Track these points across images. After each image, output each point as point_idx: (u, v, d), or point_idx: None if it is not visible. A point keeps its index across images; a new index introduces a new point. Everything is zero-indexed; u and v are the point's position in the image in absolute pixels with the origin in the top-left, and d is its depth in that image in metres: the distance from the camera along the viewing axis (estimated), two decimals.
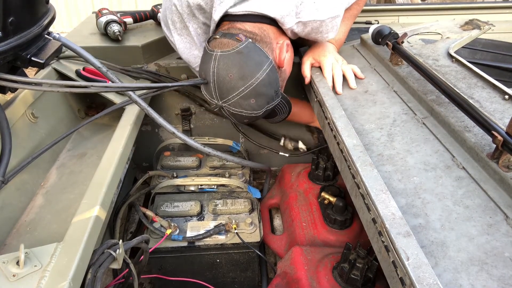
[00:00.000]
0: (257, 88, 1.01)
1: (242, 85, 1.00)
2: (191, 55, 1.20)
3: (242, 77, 1.00)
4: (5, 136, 0.85)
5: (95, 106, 1.41)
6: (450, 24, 1.45)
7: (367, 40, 1.40)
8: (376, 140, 0.90)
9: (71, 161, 1.16)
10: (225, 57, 1.00)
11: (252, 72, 1.00)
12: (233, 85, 1.00)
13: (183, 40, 1.17)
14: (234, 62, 1.00)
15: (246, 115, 1.05)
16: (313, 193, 1.26)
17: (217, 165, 1.45)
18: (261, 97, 1.03)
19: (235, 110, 1.04)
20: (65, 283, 0.63)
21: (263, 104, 1.05)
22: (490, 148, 0.78)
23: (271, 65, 1.03)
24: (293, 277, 0.98)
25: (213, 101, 1.05)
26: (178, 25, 1.14)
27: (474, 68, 1.09)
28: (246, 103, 1.02)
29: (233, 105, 1.03)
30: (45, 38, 0.92)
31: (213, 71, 1.01)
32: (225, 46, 1.01)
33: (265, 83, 1.02)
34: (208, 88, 1.04)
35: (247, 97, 1.01)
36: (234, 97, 1.01)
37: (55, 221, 0.93)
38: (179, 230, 1.18)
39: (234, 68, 1.00)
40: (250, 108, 1.03)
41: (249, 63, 1.00)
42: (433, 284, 0.53)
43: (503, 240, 0.63)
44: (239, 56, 1.00)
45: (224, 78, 1.00)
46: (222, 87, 1.01)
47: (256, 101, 1.03)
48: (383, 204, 0.67)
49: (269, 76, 1.02)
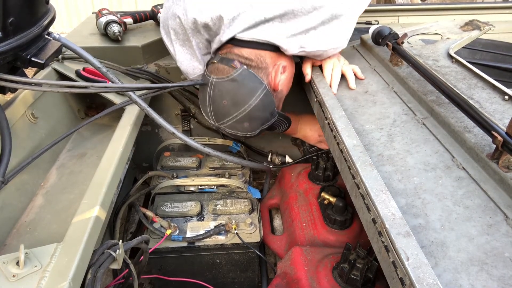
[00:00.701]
0: (251, 113, 1.07)
1: (236, 111, 1.06)
2: (190, 66, 1.21)
3: (235, 104, 1.06)
4: (5, 136, 0.85)
5: (95, 107, 1.41)
6: (450, 24, 1.46)
7: (367, 41, 1.40)
8: (376, 141, 0.90)
9: (71, 161, 1.16)
10: (219, 84, 1.05)
11: (245, 99, 1.05)
12: (227, 111, 1.07)
13: (184, 51, 1.18)
14: (228, 89, 1.05)
15: (241, 135, 1.14)
16: (313, 193, 1.26)
17: (217, 165, 1.45)
18: (255, 121, 1.09)
19: (231, 131, 1.12)
20: (65, 283, 0.63)
21: (257, 126, 1.11)
22: (490, 149, 0.78)
23: (265, 90, 1.07)
24: (293, 277, 0.98)
25: (210, 121, 1.13)
26: (181, 37, 1.15)
27: (474, 69, 1.09)
28: (240, 126, 1.09)
29: (228, 127, 1.10)
30: (45, 38, 0.92)
31: (209, 96, 1.08)
32: (220, 72, 1.06)
33: (259, 108, 1.07)
34: (205, 110, 1.12)
35: (241, 121, 1.08)
36: (229, 121, 1.08)
37: (55, 221, 0.93)
38: (179, 230, 1.18)
39: (227, 95, 1.05)
40: (244, 130, 1.11)
41: (242, 90, 1.05)
42: (433, 284, 0.53)
43: (503, 240, 0.63)
44: (233, 83, 1.05)
45: (218, 104, 1.07)
46: (217, 111, 1.09)
47: (250, 124, 1.09)
48: (383, 204, 0.67)
49: (263, 101, 1.07)
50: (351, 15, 1.12)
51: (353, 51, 1.42)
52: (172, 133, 1.12)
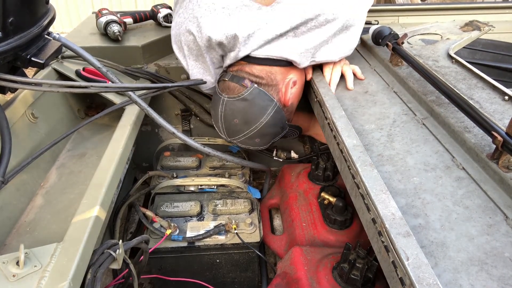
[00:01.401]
0: (261, 130, 1.10)
1: (247, 129, 1.09)
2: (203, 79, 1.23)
3: (246, 122, 1.09)
4: (5, 136, 0.85)
5: (95, 106, 1.41)
6: (450, 25, 1.46)
7: (367, 41, 1.40)
8: (376, 141, 0.90)
9: (71, 161, 1.16)
10: (231, 103, 1.08)
11: (256, 118, 1.08)
12: (239, 129, 1.10)
13: (198, 66, 1.19)
14: (239, 108, 1.08)
15: (254, 149, 1.19)
16: (313, 193, 1.26)
17: (217, 165, 1.45)
18: (266, 136, 1.13)
19: (243, 146, 1.18)
20: (65, 283, 0.63)
21: (268, 140, 1.16)
22: (490, 149, 0.78)
23: (276, 107, 1.10)
24: (293, 277, 0.98)
25: (223, 136, 1.17)
26: (194, 52, 1.15)
27: (474, 69, 1.09)
28: (251, 141, 1.13)
29: (241, 142, 1.15)
30: (45, 38, 0.92)
31: (220, 114, 1.11)
32: (231, 91, 1.09)
33: (270, 125, 1.10)
34: (217, 126, 1.16)
35: (252, 138, 1.11)
36: (240, 138, 1.13)
37: (55, 221, 0.93)
38: (179, 230, 1.18)
39: (239, 114, 1.08)
40: (256, 145, 1.15)
41: (253, 109, 1.08)
42: (433, 284, 0.53)
43: (503, 240, 0.63)
44: (244, 103, 1.07)
45: (230, 122, 1.11)
46: (229, 129, 1.12)
47: (261, 140, 1.13)
48: (383, 204, 0.67)
49: (273, 118, 1.10)
50: (360, 23, 1.14)
51: (353, 51, 1.42)
52: (172, 133, 1.12)
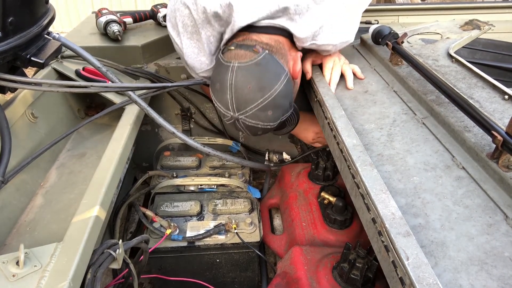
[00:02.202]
0: (276, 100, 1.00)
1: (261, 96, 0.98)
2: (197, 60, 1.17)
3: (261, 88, 0.98)
4: (4, 136, 0.85)
5: (95, 106, 1.41)
6: (450, 24, 1.46)
7: (367, 40, 1.40)
8: (376, 140, 0.90)
9: (71, 161, 1.16)
10: (243, 69, 0.98)
11: (271, 84, 0.99)
12: (252, 97, 0.98)
13: (192, 45, 1.14)
14: (253, 73, 0.98)
15: (261, 127, 1.03)
16: (313, 193, 1.26)
17: (217, 165, 1.45)
18: (278, 109, 1.02)
19: (251, 122, 1.01)
20: (65, 283, 0.63)
21: (279, 115, 1.04)
22: (490, 148, 0.78)
23: (287, 77, 1.03)
24: (293, 277, 0.98)
25: (228, 113, 1.01)
26: (189, 29, 1.11)
27: (474, 68, 1.09)
28: (263, 115, 1.00)
29: (250, 117, 1.00)
30: (45, 38, 0.92)
31: (230, 82, 0.99)
32: (242, 57, 0.99)
33: (283, 94, 1.01)
34: (224, 100, 1.01)
35: (265, 109, 1.00)
36: (252, 109, 0.99)
37: (54, 221, 0.93)
38: (179, 230, 1.18)
39: (253, 80, 0.98)
40: (266, 120, 1.01)
41: (268, 74, 0.99)
42: (433, 284, 0.53)
43: (503, 240, 0.63)
44: (258, 67, 0.98)
45: (242, 89, 0.98)
46: (240, 98, 0.99)
47: (273, 113, 1.02)
48: (383, 204, 0.67)
49: (286, 87, 1.02)
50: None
51: (353, 51, 1.42)
52: (172, 133, 1.12)
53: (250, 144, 1.69)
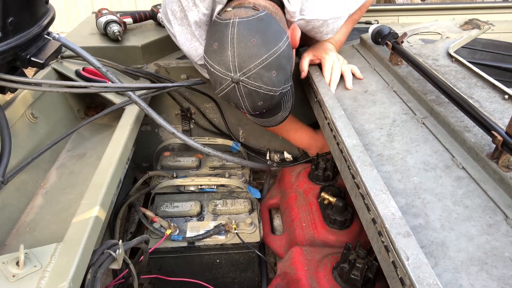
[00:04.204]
0: (280, 59, 0.92)
1: (266, 52, 0.90)
2: (192, 47, 1.14)
3: (266, 43, 0.90)
4: (4, 136, 0.85)
5: (95, 106, 1.41)
6: (450, 23, 1.45)
7: (366, 40, 1.40)
8: (376, 140, 0.90)
9: (71, 161, 1.16)
10: (245, 23, 0.91)
11: (276, 40, 0.92)
12: (256, 52, 0.90)
13: (184, 31, 1.12)
14: (256, 27, 0.91)
15: (263, 93, 0.93)
16: (313, 193, 1.26)
17: (217, 165, 1.45)
18: (281, 72, 0.94)
19: (254, 84, 0.91)
20: (65, 283, 0.63)
21: (281, 80, 0.95)
22: (490, 148, 0.78)
23: (288, 40, 0.96)
24: (293, 277, 0.98)
25: (228, 75, 0.91)
26: (178, 15, 1.09)
27: (473, 68, 1.09)
28: (267, 75, 0.91)
29: (253, 77, 0.90)
30: (45, 38, 0.92)
31: (232, 37, 0.90)
32: (243, 14, 0.92)
33: (286, 55, 0.94)
34: (224, 58, 0.91)
35: (269, 67, 0.91)
36: (256, 67, 0.90)
37: (55, 222, 0.93)
38: (179, 230, 1.18)
39: (256, 34, 0.90)
40: (270, 83, 0.92)
41: (271, 31, 0.93)
42: (433, 284, 0.53)
43: (503, 240, 0.63)
44: (261, 22, 0.92)
45: (246, 43, 0.89)
46: (244, 54, 0.90)
47: (277, 74, 0.93)
48: (383, 204, 0.67)
49: (288, 49, 0.95)
50: None
51: (352, 51, 1.42)
52: (172, 133, 1.12)
53: (250, 144, 1.69)
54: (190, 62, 1.42)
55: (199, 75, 1.45)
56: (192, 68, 1.44)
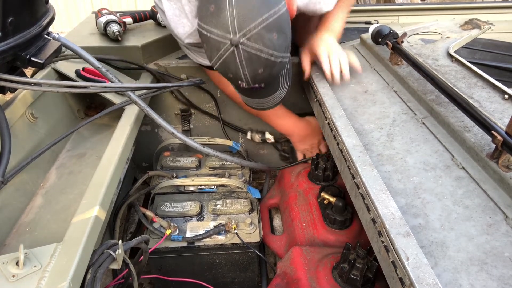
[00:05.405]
0: (280, 20, 0.89)
1: (267, 11, 0.87)
2: (180, 23, 1.11)
3: (266, 2, 0.87)
4: (4, 136, 0.85)
5: (95, 106, 1.41)
6: (450, 23, 1.45)
7: (366, 40, 1.40)
8: (375, 140, 0.90)
9: (71, 161, 1.16)
10: None
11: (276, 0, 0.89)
12: (257, 10, 0.86)
13: (172, 7, 1.09)
14: None
15: (264, 58, 0.89)
16: (313, 193, 1.26)
17: (217, 165, 1.45)
18: (282, 35, 0.91)
19: (254, 47, 0.87)
20: (65, 283, 0.63)
21: (282, 45, 0.91)
22: (489, 148, 0.78)
23: (286, 6, 0.92)
24: (293, 277, 0.98)
25: (227, 37, 0.86)
26: None
27: (474, 68, 1.09)
28: (268, 36, 0.87)
29: (254, 38, 0.86)
30: (45, 38, 0.92)
31: None
32: None
33: (286, 19, 0.91)
34: (222, 19, 0.86)
35: (271, 28, 0.87)
36: (257, 26, 0.86)
37: (54, 222, 0.93)
38: (179, 230, 1.18)
39: None
40: (271, 45, 0.88)
41: None
42: (432, 284, 0.53)
43: (503, 240, 0.63)
44: None
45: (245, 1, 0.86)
46: (244, 13, 0.86)
47: (278, 37, 0.89)
48: (383, 204, 0.67)
49: (287, 14, 0.92)
50: None
51: (352, 51, 1.42)
52: (171, 133, 1.12)
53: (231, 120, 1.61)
54: (190, 62, 1.42)
55: (199, 74, 1.45)
56: (192, 68, 1.44)
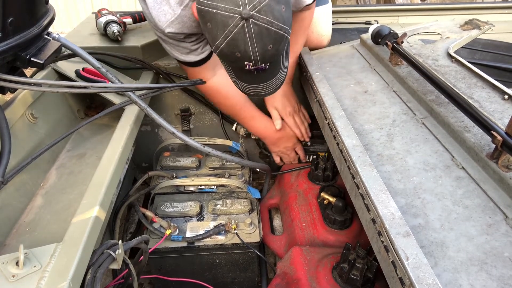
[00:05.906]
0: None
1: None
2: (161, 11, 1.07)
3: None
4: (4, 136, 0.85)
5: (95, 107, 1.41)
6: (450, 24, 1.45)
7: (366, 40, 1.40)
8: (375, 140, 0.90)
9: (71, 161, 1.16)
10: None
11: None
12: None
13: None
14: None
15: (274, 32, 0.86)
16: (313, 193, 1.26)
17: (217, 165, 1.45)
18: (288, 8, 0.89)
19: (265, 20, 0.84)
20: (65, 283, 0.63)
21: (289, 18, 0.89)
22: (489, 148, 0.78)
23: None
24: (292, 277, 0.98)
25: (237, 11, 0.83)
26: None
27: (473, 68, 1.09)
28: (278, 8, 0.85)
29: (264, 11, 0.84)
30: (45, 38, 0.92)
31: None
32: None
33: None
34: None
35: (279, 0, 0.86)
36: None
37: (54, 222, 0.93)
38: (179, 230, 1.18)
39: None
40: (281, 18, 0.86)
41: None
42: (432, 284, 0.53)
43: (503, 240, 0.63)
44: None
45: None
46: None
47: (285, 10, 0.87)
48: (383, 204, 0.67)
49: None
50: None
51: (352, 51, 1.42)
52: (171, 133, 1.12)
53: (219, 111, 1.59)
54: None
55: None
56: None
